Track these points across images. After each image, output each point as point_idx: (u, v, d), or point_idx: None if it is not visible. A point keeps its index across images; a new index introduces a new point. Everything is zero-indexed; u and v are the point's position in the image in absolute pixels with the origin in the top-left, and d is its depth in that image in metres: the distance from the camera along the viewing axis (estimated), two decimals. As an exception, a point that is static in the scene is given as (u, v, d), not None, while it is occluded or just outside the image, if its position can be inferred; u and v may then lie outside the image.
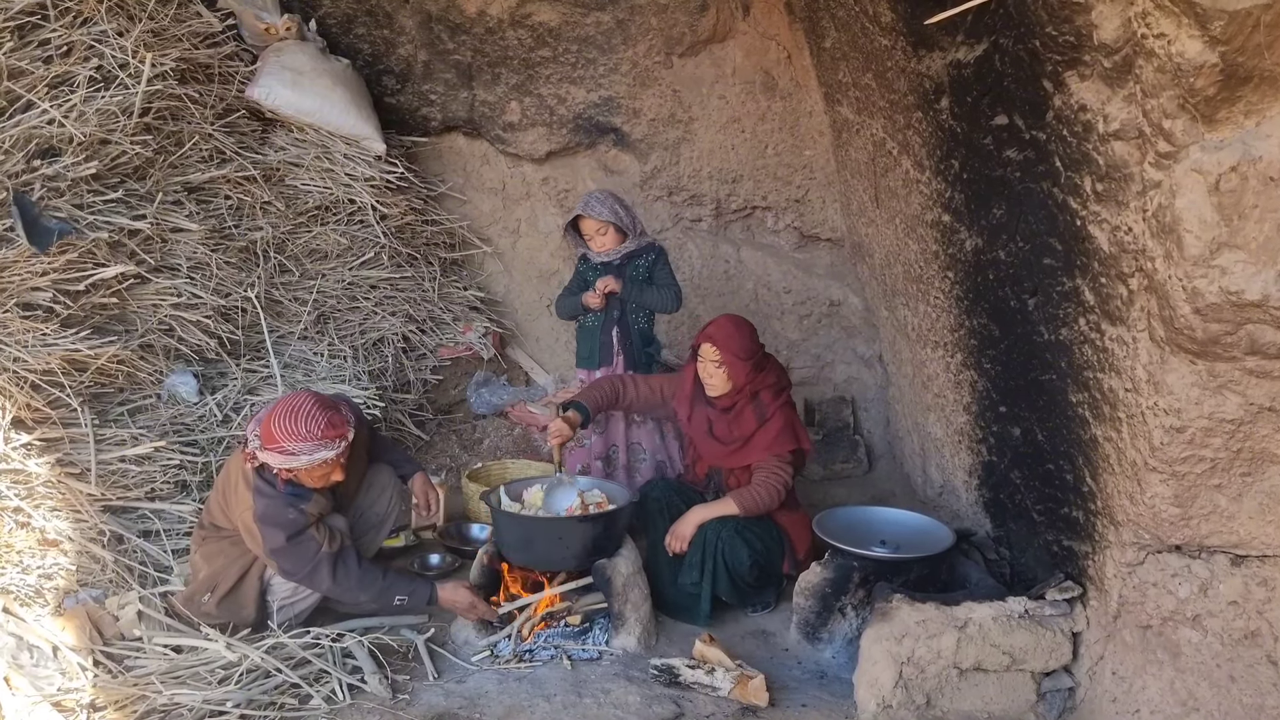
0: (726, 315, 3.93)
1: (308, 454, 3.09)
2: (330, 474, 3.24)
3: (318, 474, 3.20)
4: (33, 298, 3.75)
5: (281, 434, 3.08)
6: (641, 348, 4.55)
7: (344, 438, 3.16)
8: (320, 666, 3.17)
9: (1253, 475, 2.52)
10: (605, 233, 4.42)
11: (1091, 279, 2.73)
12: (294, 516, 3.18)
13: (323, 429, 3.09)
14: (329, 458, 3.13)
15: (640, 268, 4.48)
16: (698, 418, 3.87)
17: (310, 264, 5.12)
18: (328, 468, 3.20)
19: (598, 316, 4.55)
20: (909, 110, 3.89)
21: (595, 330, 4.57)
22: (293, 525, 3.18)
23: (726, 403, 3.78)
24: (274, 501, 3.17)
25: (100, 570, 3.49)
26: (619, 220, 4.38)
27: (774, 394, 3.78)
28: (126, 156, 4.21)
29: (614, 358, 4.54)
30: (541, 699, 3.13)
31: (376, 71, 5.57)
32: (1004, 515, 3.68)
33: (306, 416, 3.09)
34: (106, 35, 4.23)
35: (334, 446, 3.14)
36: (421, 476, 3.74)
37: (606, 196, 4.45)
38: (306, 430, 3.07)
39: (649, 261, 4.50)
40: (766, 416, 3.74)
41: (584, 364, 4.65)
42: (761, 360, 3.80)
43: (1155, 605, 2.80)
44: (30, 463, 3.49)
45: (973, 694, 3.09)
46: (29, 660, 3.08)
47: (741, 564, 3.65)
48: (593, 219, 4.39)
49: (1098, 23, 2.34)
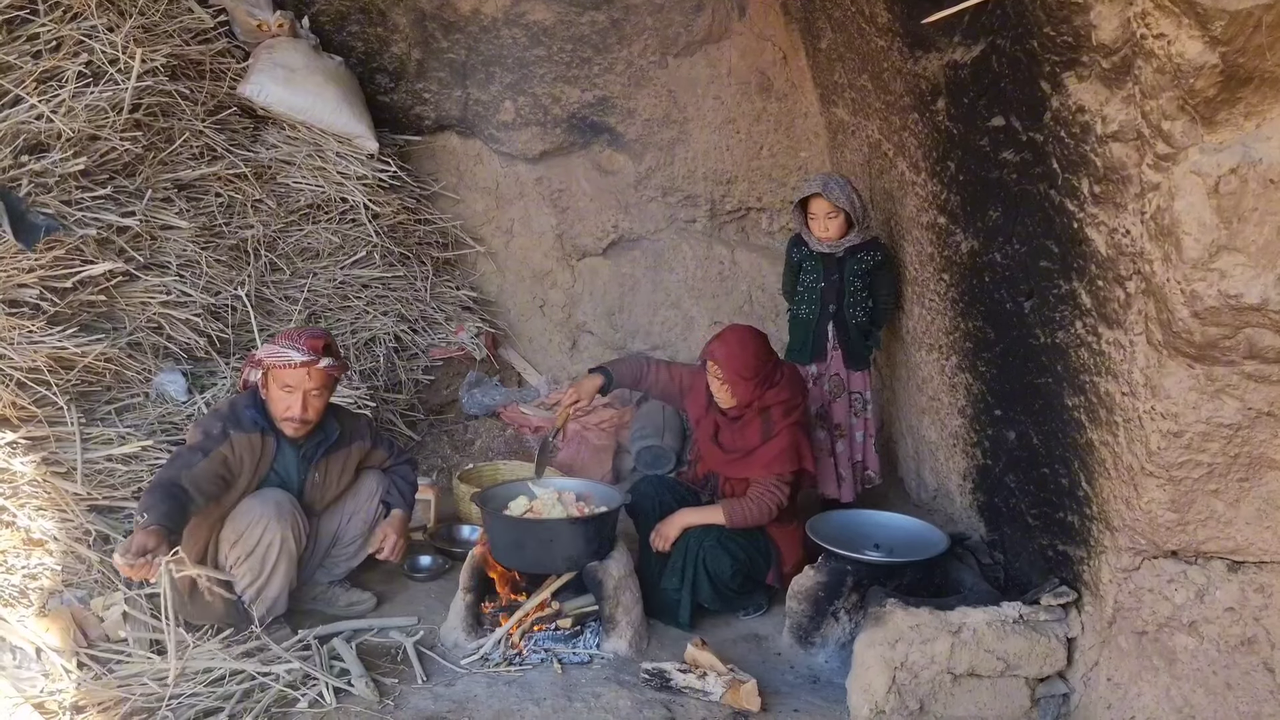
0: (733, 329, 3.81)
1: (282, 348, 3.34)
2: (291, 400, 3.34)
3: (282, 379, 3.33)
4: (19, 294, 3.71)
5: (281, 334, 3.48)
6: (861, 341, 4.40)
7: (315, 352, 3.34)
8: (306, 669, 3.14)
9: (1250, 481, 2.50)
10: (835, 218, 4.22)
11: (1089, 282, 2.72)
12: (215, 432, 3.28)
13: (305, 338, 3.38)
14: (295, 360, 3.30)
15: (864, 261, 4.30)
16: (707, 422, 3.83)
17: (301, 262, 5.09)
18: (290, 375, 3.32)
19: (812, 309, 4.40)
20: (905, 111, 3.87)
21: (810, 323, 4.40)
22: (209, 438, 3.26)
23: (736, 413, 3.74)
24: (220, 411, 3.39)
25: (86, 571, 3.45)
26: (854, 209, 4.19)
27: (784, 411, 3.69)
28: (116, 153, 4.17)
29: (828, 352, 4.38)
30: (531, 703, 3.10)
31: (369, 69, 5.54)
32: (999, 519, 3.66)
33: (306, 330, 3.51)
34: (96, 30, 4.18)
35: (303, 354, 3.31)
36: (399, 516, 3.70)
37: (846, 183, 4.24)
38: (296, 334, 3.41)
39: (873, 260, 4.31)
40: (772, 434, 3.66)
41: (793, 356, 4.44)
42: (771, 374, 3.69)
43: (1151, 611, 2.78)
44: (15, 461, 3.45)
45: (966, 700, 3.07)
46: (11, 662, 3.05)
47: (724, 572, 3.62)
48: (828, 200, 4.18)
49: (1096, 23, 2.32)
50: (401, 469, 3.82)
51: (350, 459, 3.62)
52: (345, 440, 3.57)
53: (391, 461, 3.80)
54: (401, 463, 3.83)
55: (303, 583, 3.58)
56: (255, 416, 3.38)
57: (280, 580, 3.38)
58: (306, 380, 3.34)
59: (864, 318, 4.39)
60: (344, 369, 3.53)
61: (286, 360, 3.30)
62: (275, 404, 3.37)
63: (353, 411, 3.79)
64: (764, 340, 3.77)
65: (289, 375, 3.32)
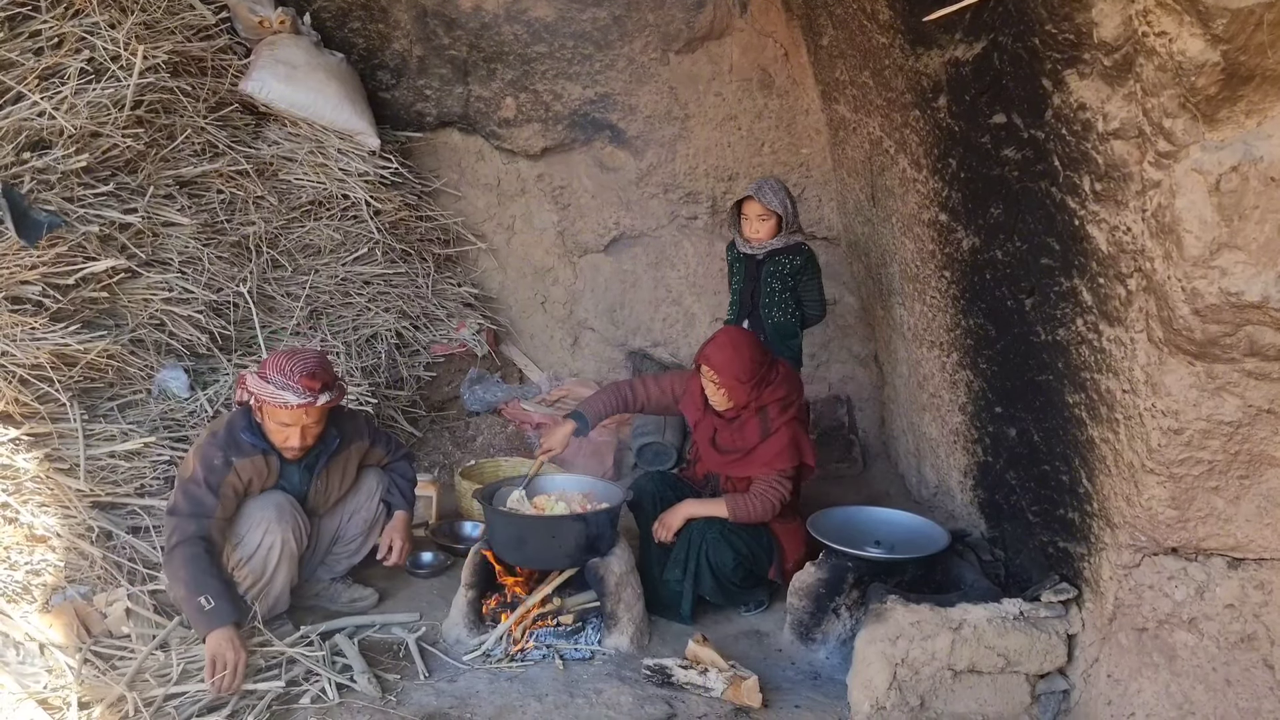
0: (726, 333, 3.82)
1: (276, 387, 3.20)
2: (289, 432, 3.27)
3: (279, 418, 3.24)
4: (22, 291, 3.72)
5: (271, 362, 3.26)
6: (780, 342, 4.40)
7: (312, 392, 3.22)
8: (309, 665, 3.14)
9: (1250, 478, 2.50)
10: (767, 221, 4.30)
11: (1089, 279, 2.72)
12: (218, 463, 3.23)
13: (300, 376, 3.21)
14: (291, 402, 3.19)
15: (782, 265, 4.36)
16: (704, 425, 3.83)
17: (303, 259, 5.09)
18: (287, 415, 3.23)
19: (734, 310, 4.47)
20: (906, 108, 3.87)
21: (732, 324, 4.46)
22: (213, 471, 3.22)
23: (732, 414, 3.75)
24: (217, 437, 3.27)
25: (89, 567, 3.46)
26: (785, 213, 4.27)
27: (781, 408, 3.70)
28: (118, 149, 4.18)
29: None
30: (533, 699, 3.11)
31: (371, 66, 5.55)
32: (999, 516, 3.66)
33: (299, 360, 3.26)
34: (98, 27, 4.19)
35: (299, 395, 3.20)
36: (402, 519, 3.71)
37: (780, 187, 4.32)
38: (289, 369, 3.22)
39: (792, 264, 4.37)
40: (771, 431, 3.67)
41: None
42: (766, 375, 3.69)
43: (1151, 608, 2.79)
44: (18, 458, 3.46)
45: (967, 696, 3.08)
46: (15, 658, 3.05)
47: (726, 565, 3.63)
48: (760, 203, 4.26)
49: (1098, 20, 2.32)
50: (400, 465, 3.81)
51: (351, 460, 3.62)
52: (345, 444, 3.56)
53: (390, 458, 3.80)
54: (399, 458, 3.83)
55: (304, 580, 3.59)
56: (253, 440, 3.30)
57: (282, 580, 3.39)
58: (304, 417, 3.27)
59: (781, 319, 4.42)
60: (342, 396, 3.44)
61: (283, 402, 3.19)
62: (273, 434, 3.30)
63: (349, 410, 3.78)
64: (757, 341, 3.79)
65: (286, 415, 3.25)
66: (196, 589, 3.07)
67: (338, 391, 3.36)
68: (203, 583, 3.08)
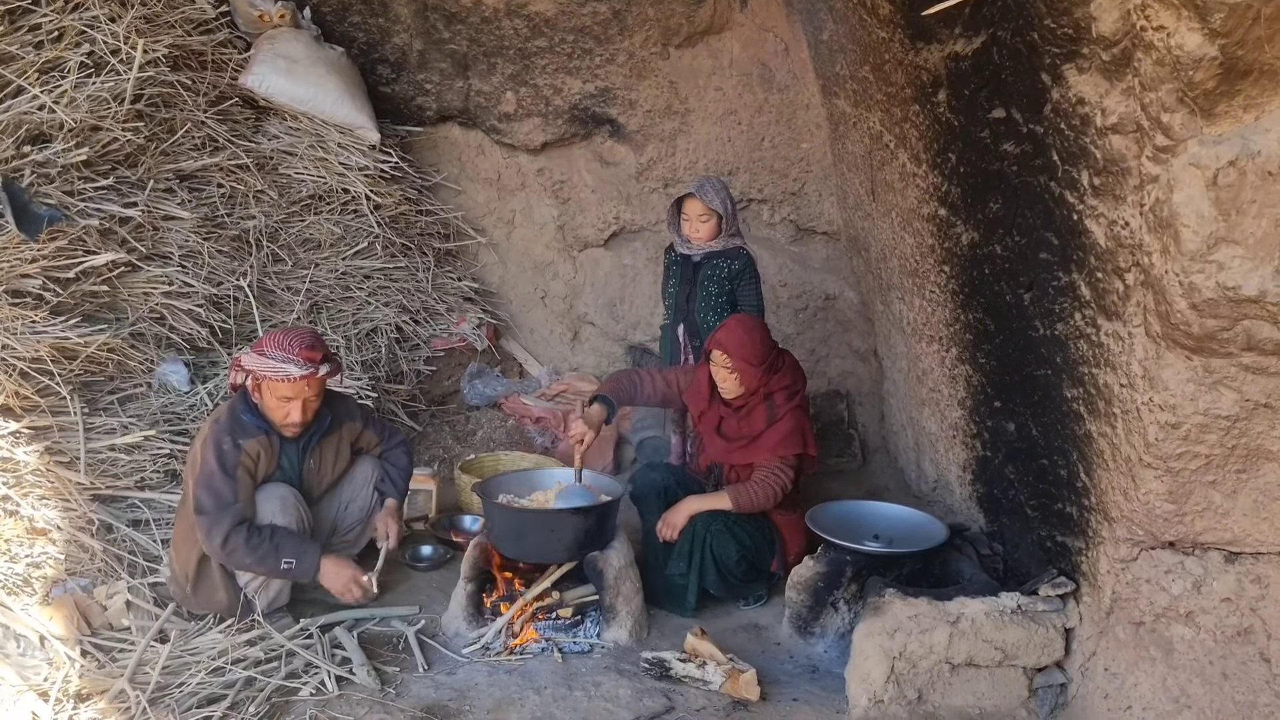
0: (737, 319, 3.84)
1: (277, 361, 3.25)
2: (290, 407, 3.31)
3: (280, 392, 3.28)
4: (22, 285, 3.73)
5: (267, 341, 3.33)
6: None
7: (314, 363, 3.28)
8: (309, 658, 3.15)
9: (1247, 472, 2.51)
10: (707, 221, 4.21)
11: (1088, 274, 2.72)
12: (228, 447, 3.27)
13: (299, 348, 3.28)
14: (294, 374, 3.24)
15: (719, 268, 4.28)
16: (710, 415, 3.85)
17: (303, 253, 5.09)
18: (289, 388, 3.27)
19: (670, 313, 4.40)
20: (906, 103, 3.86)
21: (669, 327, 4.42)
22: (225, 456, 3.26)
23: (740, 402, 3.76)
24: (221, 423, 3.32)
25: (89, 559, 3.47)
26: (725, 214, 4.19)
27: (787, 396, 3.73)
28: (118, 143, 4.18)
29: (682, 355, 4.36)
30: (532, 691, 3.12)
31: (371, 60, 5.54)
32: (998, 510, 3.67)
33: (295, 336, 3.33)
34: (98, 21, 4.19)
35: (301, 366, 3.25)
36: (392, 506, 3.74)
37: (722, 186, 4.23)
38: (287, 343, 3.29)
39: (730, 268, 4.28)
40: (777, 417, 3.70)
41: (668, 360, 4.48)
42: (775, 361, 3.74)
43: (1148, 602, 2.79)
44: (19, 451, 3.47)
45: (964, 689, 3.09)
46: (15, 650, 3.07)
47: (730, 558, 3.64)
48: (701, 202, 4.17)
49: (1097, 15, 2.32)
50: (394, 454, 3.82)
51: (342, 442, 3.63)
52: (336, 424, 3.58)
53: (383, 446, 3.80)
54: (394, 447, 3.83)
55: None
56: (255, 421, 3.35)
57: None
58: (305, 390, 3.31)
59: (717, 324, 4.22)
60: (339, 370, 3.49)
61: (285, 375, 3.24)
62: (273, 412, 3.33)
63: (338, 392, 3.79)
64: (765, 328, 3.83)
65: (287, 388, 3.28)
66: (275, 562, 3.27)
67: (335, 364, 3.43)
68: (270, 553, 3.25)
